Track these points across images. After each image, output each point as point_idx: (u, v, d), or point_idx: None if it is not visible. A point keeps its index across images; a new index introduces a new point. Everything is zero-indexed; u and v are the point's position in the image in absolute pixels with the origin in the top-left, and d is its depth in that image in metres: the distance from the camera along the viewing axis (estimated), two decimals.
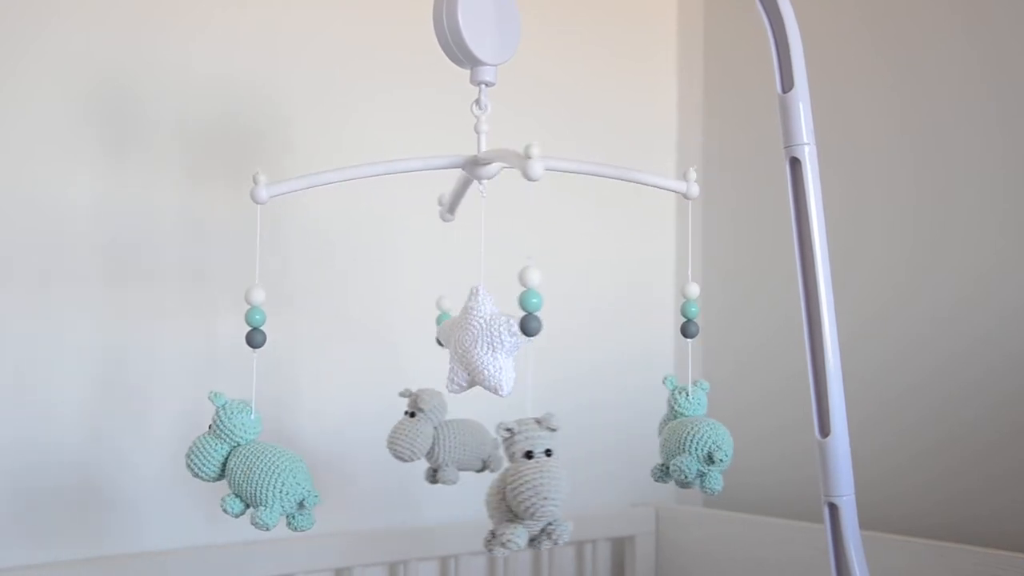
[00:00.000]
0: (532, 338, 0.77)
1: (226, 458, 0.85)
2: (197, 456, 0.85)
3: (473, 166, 0.87)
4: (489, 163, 0.87)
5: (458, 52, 0.84)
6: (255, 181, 0.85)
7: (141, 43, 1.18)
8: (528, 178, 0.74)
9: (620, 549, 1.53)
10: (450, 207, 1.01)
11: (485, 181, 0.88)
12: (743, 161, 1.56)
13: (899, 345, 1.32)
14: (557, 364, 1.47)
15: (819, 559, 0.93)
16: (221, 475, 0.85)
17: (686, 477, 0.89)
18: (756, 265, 1.53)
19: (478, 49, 0.84)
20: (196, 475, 0.85)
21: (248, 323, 0.83)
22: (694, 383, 0.96)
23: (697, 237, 1.61)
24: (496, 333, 0.82)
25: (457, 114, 0.96)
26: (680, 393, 0.96)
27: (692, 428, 0.90)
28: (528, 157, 0.74)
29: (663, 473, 0.92)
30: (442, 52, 0.86)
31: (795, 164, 0.86)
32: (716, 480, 0.88)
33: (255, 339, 0.83)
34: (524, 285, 0.78)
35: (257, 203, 0.85)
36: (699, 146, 1.62)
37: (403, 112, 1.35)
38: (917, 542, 1.19)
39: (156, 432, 1.17)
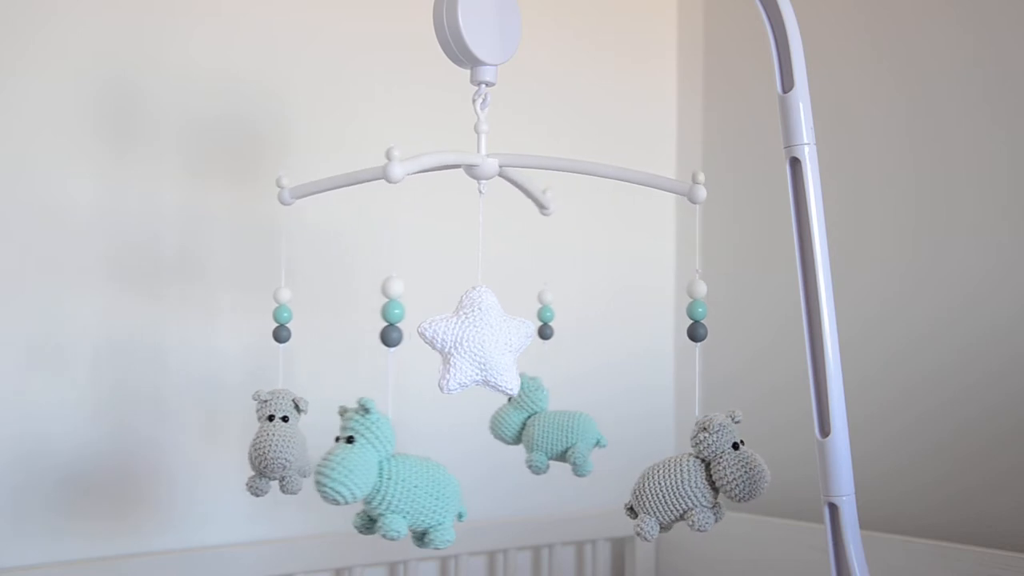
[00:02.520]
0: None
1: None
2: (353, 473, 0.74)
3: (471, 167, 0.87)
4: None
5: (458, 52, 0.84)
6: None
7: (143, 41, 1.18)
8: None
9: (620, 549, 1.53)
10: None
11: (484, 181, 0.88)
12: (743, 161, 1.56)
13: (899, 345, 1.32)
14: (557, 364, 1.47)
15: (819, 559, 0.93)
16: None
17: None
18: (756, 265, 1.53)
19: (478, 49, 0.84)
20: (342, 496, 0.74)
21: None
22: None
23: (697, 237, 1.61)
24: (515, 334, 0.83)
25: (457, 113, 0.96)
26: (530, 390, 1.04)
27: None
28: None
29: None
30: (442, 51, 0.86)
31: (795, 164, 0.86)
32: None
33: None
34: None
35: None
36: (699, 146, 1.62)
37: (404, 111, 1.35)
38: (917, 542, 1.19)
39: (156, 431, 1.17)
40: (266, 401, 0.91)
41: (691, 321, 0.88)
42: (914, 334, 1.31)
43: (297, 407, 0.92)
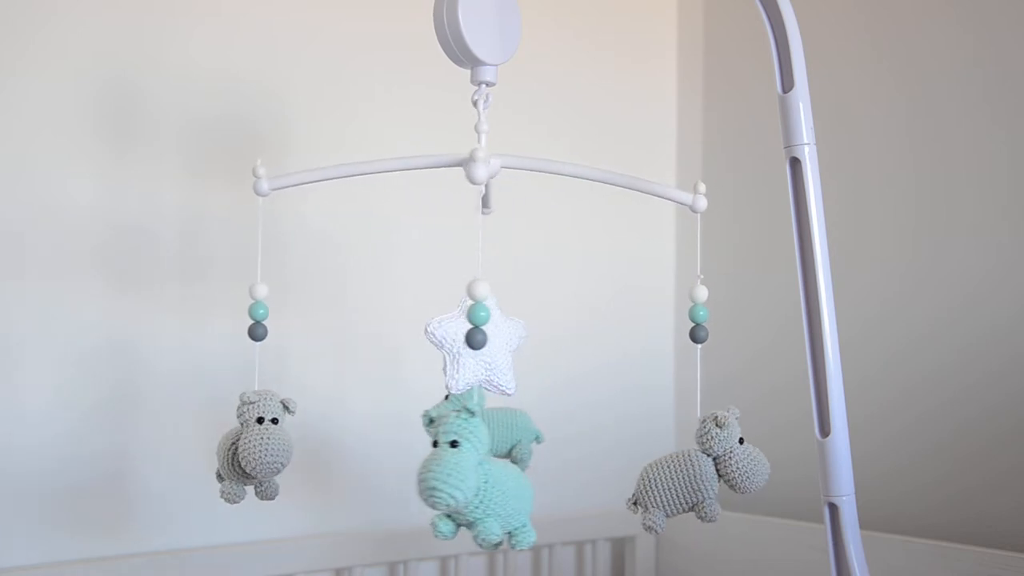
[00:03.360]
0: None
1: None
2: (466, 479, 0.73)
3: (470, 168, 0.87)
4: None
5: (458, 51, 0.84)
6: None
7: (143, 41, 1.18)
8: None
9: (620, 549, 1.53)
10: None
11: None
12: (743, 161, 1.56)
13: (899, 345, 1.32)
14: (557, 364, 1.47)
15: (819, 559, 0.93)
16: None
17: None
18: (756, 265, 1.53)
19: (478, 48, 0.84)
20: (456, 501, 0.73)
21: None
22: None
23: (697, 236, 1.61)
24: (512, 334, 0.83)
25: (457, 113, 0.96)
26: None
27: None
28: None
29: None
30: (442, 51, 0.86)
31: (795, 164, 0.86)
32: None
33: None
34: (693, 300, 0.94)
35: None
36: (699, 146, 1.62)
37: (403, 110, 1.35)
38: (917, 542, 1.19)
39: (155, 431, 1.17)
40: (253, 403, 0.88)
41: (692, 324, 0.90)
42: (914, 334, 1.31)
43: (287, 408, 0.90)
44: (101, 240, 1.15)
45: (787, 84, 0.86)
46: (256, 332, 0.88)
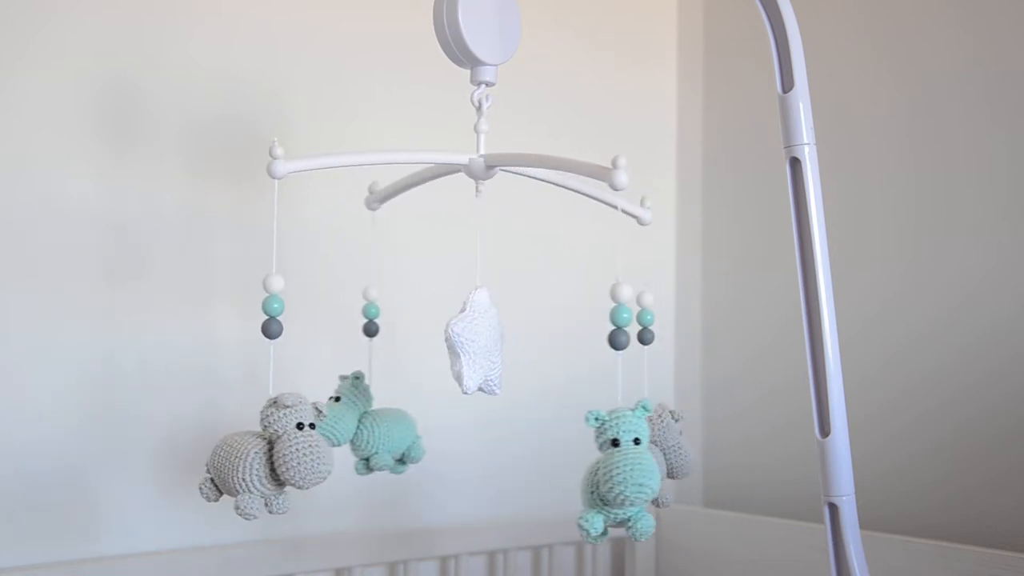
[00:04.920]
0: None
1: None
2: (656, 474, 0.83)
3: (469, 168, 0.87)
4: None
5: (458, 52, 0.85)
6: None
7: (143, 41, 1.18)
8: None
9: (620, 549, 1.53)
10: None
11: (482, 181, 0.88)
12: (743, 161, 1.56)
13: (899, 345, 1.32)
14: (556, 364, 1.47)
15: (819, 559, 0.93)
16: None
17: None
18: (756, 265, 1.53)
19: (478, 49, 0.84)
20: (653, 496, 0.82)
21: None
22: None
23: (697, 237, 1.61)
24: (502, 336, 0.83)
25: (457, 113, 0.96)
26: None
27: None
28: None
29: None
30: (442, 51, 0.86)
31: (795, 164, 0.86)
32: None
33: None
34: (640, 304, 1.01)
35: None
36: (699, 146, 1.62)
37: (404, 111, 1.35)
38: (917, 542, 1.19)
39: (155, 431, 1.17)
40: (290, 407, 0.82)
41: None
42: (914, 334, 1.31)
43: (319, 412, 0.85)
44: (101, 240, 1.15)
45: (787, 84, 0.86)
46: (271, 329, 0.82)
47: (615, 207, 0.92)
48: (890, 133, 1.35)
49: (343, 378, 1.04)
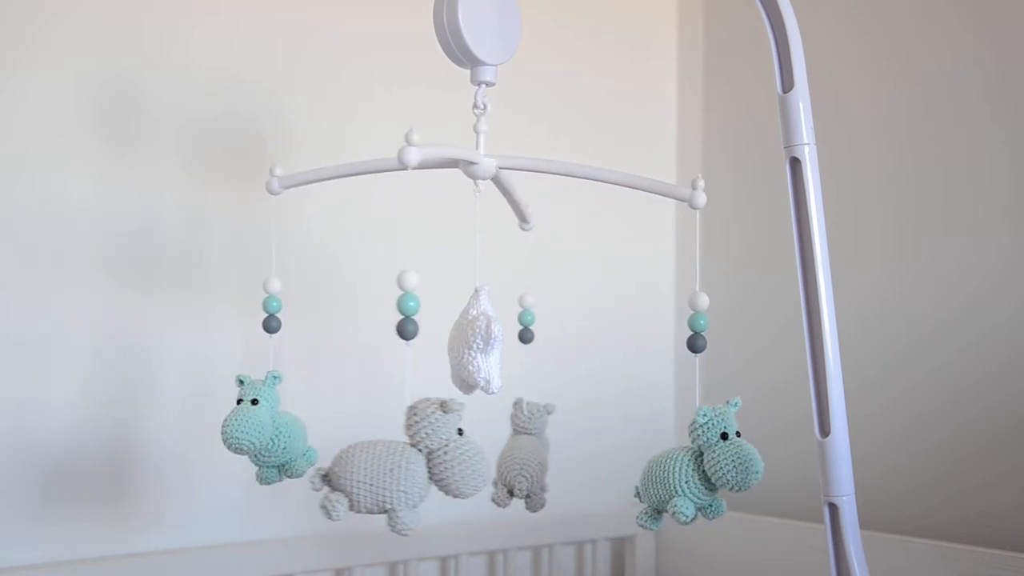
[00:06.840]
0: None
1: None
2: None
3: (468, 166, 0.87)
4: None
5: (458, 52, 0.85)
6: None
7: (143, 41, 1.18)
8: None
9: (620, 549, 1.53)
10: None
11: (481, 182, 0.88)
12: (743, 161, 1.56)
13: (899, 345, 1.32)
14: (557, 364, 1.47)
15: (819, 559, 0.93)
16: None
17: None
18: (756, 265, 1.53)
19: (478, 49, 0.84)
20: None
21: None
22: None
23: (697, 237, 1.61)
24: (473, 332, 0.83)
25: (457, 113, 0.96)
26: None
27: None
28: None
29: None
30: (442, 51, 0.86)
31: (795, 164, 0.86)
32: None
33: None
34: (521, 305, 1.02)
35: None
36: (699, 146, 1.62)
37: (404, 111, 1.35)
38: (917, 542, 1.19)
39: (154, 431, 1.17)
40: (455, 411, 0.83)
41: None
42: (914, 334, 1.31)
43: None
44: (101, 240, 1.15)
45: (787, 84, 0.86)
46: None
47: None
48: (890, 133, 1.35)
49: (241, 381, 0.94)
